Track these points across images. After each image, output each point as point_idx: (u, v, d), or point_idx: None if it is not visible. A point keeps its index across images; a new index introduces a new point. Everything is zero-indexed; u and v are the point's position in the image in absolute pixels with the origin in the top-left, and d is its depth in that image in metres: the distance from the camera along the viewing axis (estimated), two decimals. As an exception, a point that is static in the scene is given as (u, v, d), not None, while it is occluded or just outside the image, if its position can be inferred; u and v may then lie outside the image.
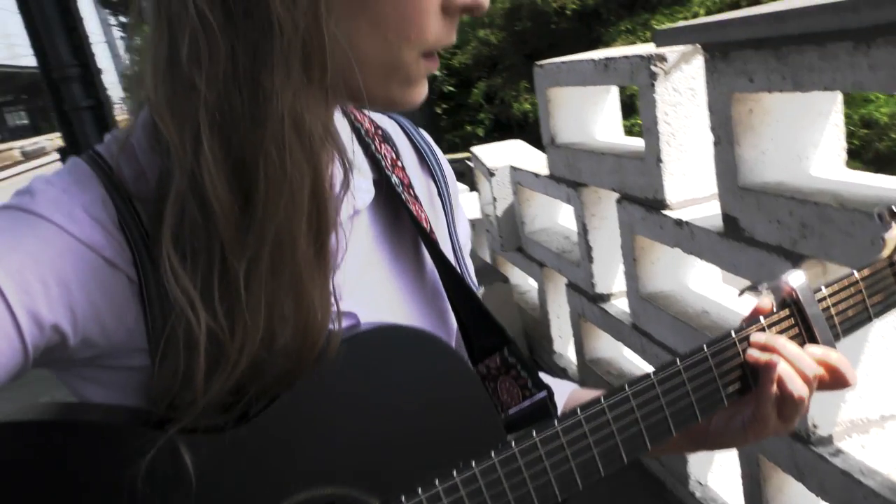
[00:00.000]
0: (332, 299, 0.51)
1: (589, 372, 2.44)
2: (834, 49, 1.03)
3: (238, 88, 0.45)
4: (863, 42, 0.97)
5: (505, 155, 2.98)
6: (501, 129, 7.36)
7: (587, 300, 2.31)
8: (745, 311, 0.64)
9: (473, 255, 3.38)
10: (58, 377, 0.53)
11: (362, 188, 0.63)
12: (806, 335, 0.61)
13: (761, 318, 0.60)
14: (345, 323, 0.58)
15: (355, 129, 0.66)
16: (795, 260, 1.27)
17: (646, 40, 4.47)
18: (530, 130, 5.46)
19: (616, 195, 1.94)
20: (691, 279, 1.93)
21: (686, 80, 1.62)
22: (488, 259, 3.45)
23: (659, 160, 1.66)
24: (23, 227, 0.47)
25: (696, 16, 4.08)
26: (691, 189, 1.68)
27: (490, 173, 2.89)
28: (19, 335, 0.45)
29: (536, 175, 2.47)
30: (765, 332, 0.59)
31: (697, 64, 1.59)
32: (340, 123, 0.64)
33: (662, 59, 1.58)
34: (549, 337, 2.85)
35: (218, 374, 0.46)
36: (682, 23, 1.28)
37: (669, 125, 1.64)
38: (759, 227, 1.35)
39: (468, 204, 3.84)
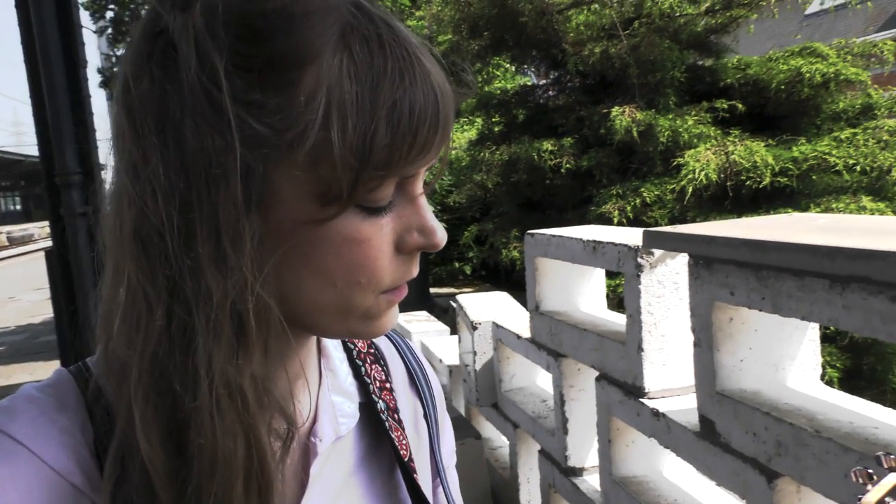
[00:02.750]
0: None
1: (556, 547, 2.34)
2: (811, 283, 1.07)
3: (170, 354, 0.45)
4: (838, 283, 1.02)
5: (489, 308, 3.01)
6: (488, 270, 7.49)
7: (559, 471, 2.26)
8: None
9: (448, 405, 3.32)
10: None
11: (347, 413, 0.64)
12: None
13: None
14: None
15: (347, 350, 0.68)
16: (770, 476, 1.26)
17: (635, 206, 4.65)
18: (516, 277, 5.56)
19: (596, 371, 1.94)
20: (667, 467, 1.90)
21: (670, 274, 1.67)
22: (462, 411, 3.39)
23: (640, 348, 1.68)
24: None
25: (683, 191, 4.28)
26: (671, 379, 1.69)
27: (473, 326, 2.90)
28: None
29: (518, 336, 2.49)
30: None
31: (682, 260, 1.65)
32: (333, 344, 0.66)
33: (649, 252, 1.64)
34: (518, 501, 2.76)
35: None
36: (669, 228, 1.34)
37: (652, 315, 1.67)
38: (735, 436, 1.34)
39: (448, 348, 3.83)
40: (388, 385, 0.68)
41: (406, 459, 0.65)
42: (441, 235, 0.52)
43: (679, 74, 5.26)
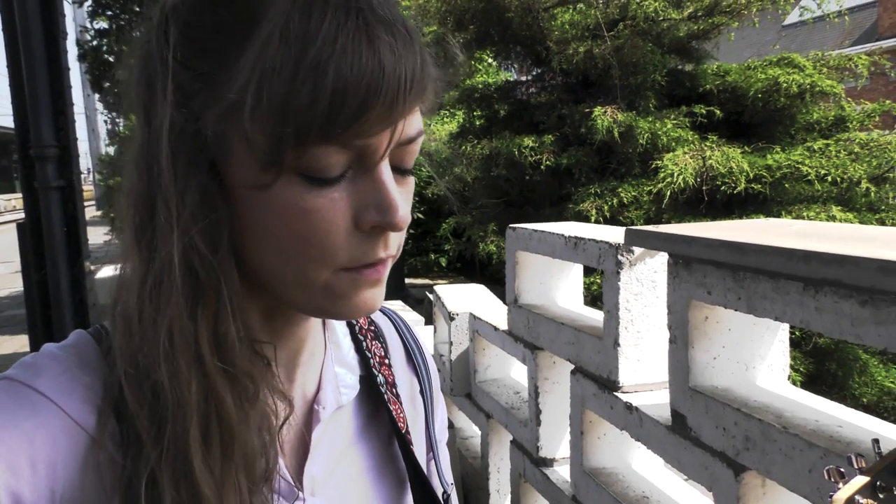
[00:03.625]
0: None
1: (523, 536, 2.39)
2: (786, 285, 1.12)
3: (141, 307, 0.50)
4: (811, 286, 1.07)
5: (467, 300, 3.04)
6: (463, 262, 7.53)
7: (530, 462, 2.30)
8: (689, 501, 0.63)
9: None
10: None
11: (349, 384, 0.67)
12: None
13: None
14: None
15: (350, 326, 0.71)
16: (738, 469, 1.31)
17: (612, 205, 4.71)
18: (492, 270, 5.60)
19: (571, 365, 1.99)
20: (635, 460, 1.95)
21: (648, 273, 1.72)
22: (436, 399, 3.42)
23: (616, 343, 1.72)
24: (23, 404, 0.50)
25: (659, 193, 4.35)
26: (644, 375, 1.74)
27: (450, 317, 2.93)
28: None
29: (495, 328, 2.52)
30: None
31: (661, 259, 1.70)
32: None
33: (629, 250, 1.68)
34: (487, 490, 2.80)
35: None
36: (651, 227, 1.38)
37: (629, 311, 1.72)
38: (705, 430, 1.39)
39: (423, 337, 3.86)
40: (386, 361, 0.72)
41: (403, 431, 0.69)
42: (401, 215, 0.50)
43: (660, 78, 5.33)
